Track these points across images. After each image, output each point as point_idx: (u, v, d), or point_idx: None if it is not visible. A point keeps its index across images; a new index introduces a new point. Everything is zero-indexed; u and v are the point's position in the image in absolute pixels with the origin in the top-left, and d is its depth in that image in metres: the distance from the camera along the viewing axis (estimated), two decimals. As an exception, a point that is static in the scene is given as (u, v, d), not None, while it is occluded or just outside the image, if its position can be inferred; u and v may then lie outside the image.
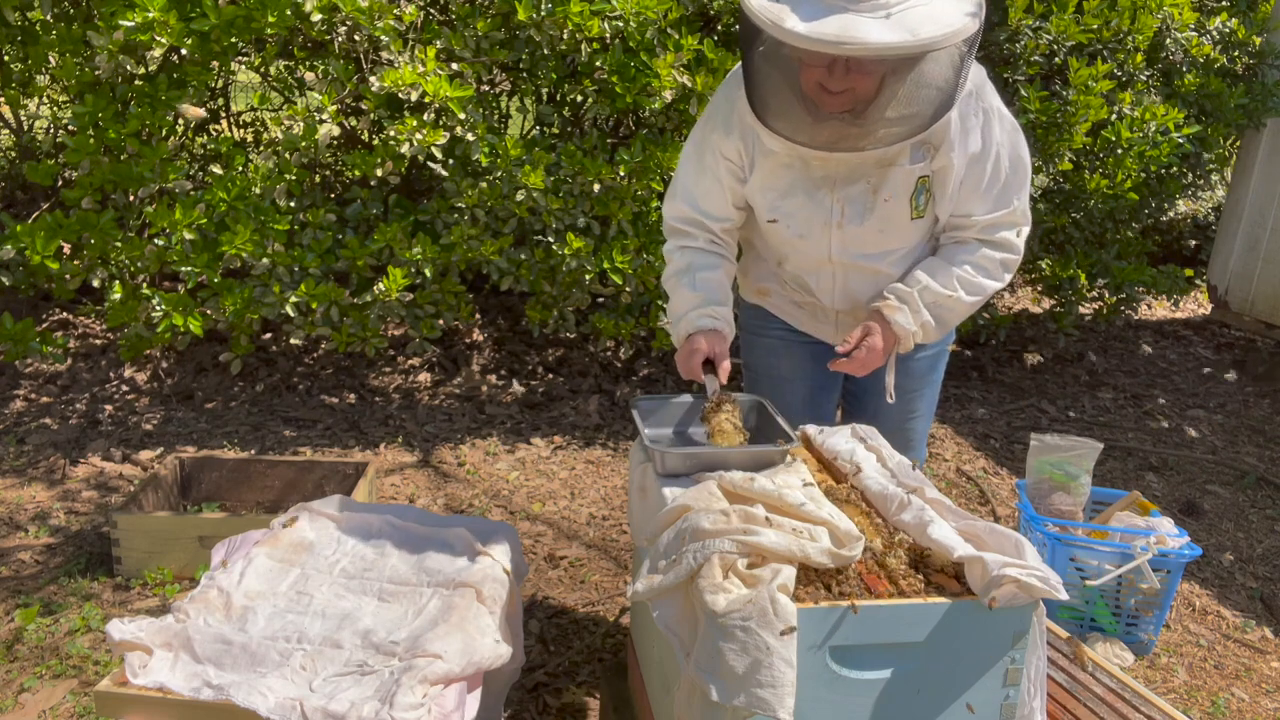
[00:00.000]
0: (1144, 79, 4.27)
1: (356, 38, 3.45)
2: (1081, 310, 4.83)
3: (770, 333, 2.23)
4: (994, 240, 2.01)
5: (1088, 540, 2.71)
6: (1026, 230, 2.05)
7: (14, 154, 4.79)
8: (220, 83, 4.31)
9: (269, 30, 3.22)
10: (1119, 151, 4.17)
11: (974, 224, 2.00)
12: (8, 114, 4.32)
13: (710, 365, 1.98)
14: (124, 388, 4.11)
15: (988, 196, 1.97)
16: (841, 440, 1.90)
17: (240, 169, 3.51)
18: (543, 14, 3.36)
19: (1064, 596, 1.41)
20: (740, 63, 1.90)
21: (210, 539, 2.71)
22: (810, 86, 1.81)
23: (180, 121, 3.84)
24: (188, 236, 3.37)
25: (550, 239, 3.66)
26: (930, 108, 1.80)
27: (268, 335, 4.38)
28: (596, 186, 3.61)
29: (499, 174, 3.50)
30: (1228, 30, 4.48)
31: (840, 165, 1.91)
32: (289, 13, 3.19)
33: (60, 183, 4.14)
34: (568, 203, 3.63)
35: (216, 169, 3.60)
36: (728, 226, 2.08)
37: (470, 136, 3.45)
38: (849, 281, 2.06)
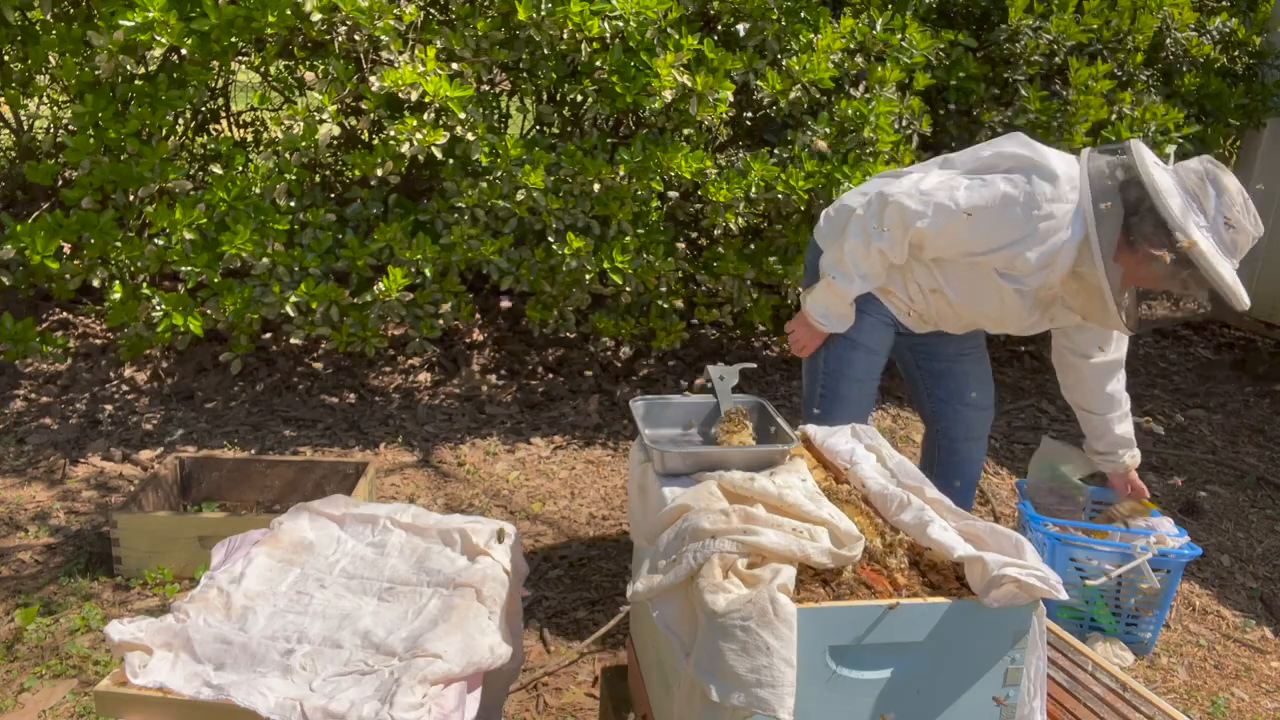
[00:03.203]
0: (1144, 79, 4.27)
1: (356, 37, 3.45)
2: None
3: (873, 313, 2.52)
4: None
5: (1088, 540, 2.71)
6: None
7: (14, 154, 4.79)
8: (220, 83, 4.31)
9: (269, 30, 3.22)
10: (1119, 151, 4.16)
11: (1113, 361, 2.62)
12: (8, 114, 4.32)
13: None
14: (124, 388, 4.11)
15: (1116, 350, 2.61)
16: (841, 440, 1.91)
17: (240, 169, 3.51)
18: (543, 14, 3.36)
19: (1064, 596, 1.41)
20: (1080, 211, 2.18)
21: (210, 539, 2.71)
22: (1139, 285, 2.27)
23: (180, 121, 3.84)
24: (188, 236, 3.37)
25: (550, 239, 3.66)
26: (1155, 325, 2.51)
27: (268, 335, 4.38)
28: (596, 186, 3.61)
29: (499, 174, 3.50)
30: (1228, 30, 4.48)
31: (1052, 296, 2.31)
32: (289, 13, 3.19)
33: (60, 183, 4.15)
34: (568, 203, 3.63)
35: (216, 169, 3.60)
36: (904, 260, 2.37)
37: (470, 136, 3.45)
38: (964, 329, 2.59)
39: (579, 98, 4.04)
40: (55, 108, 4.50)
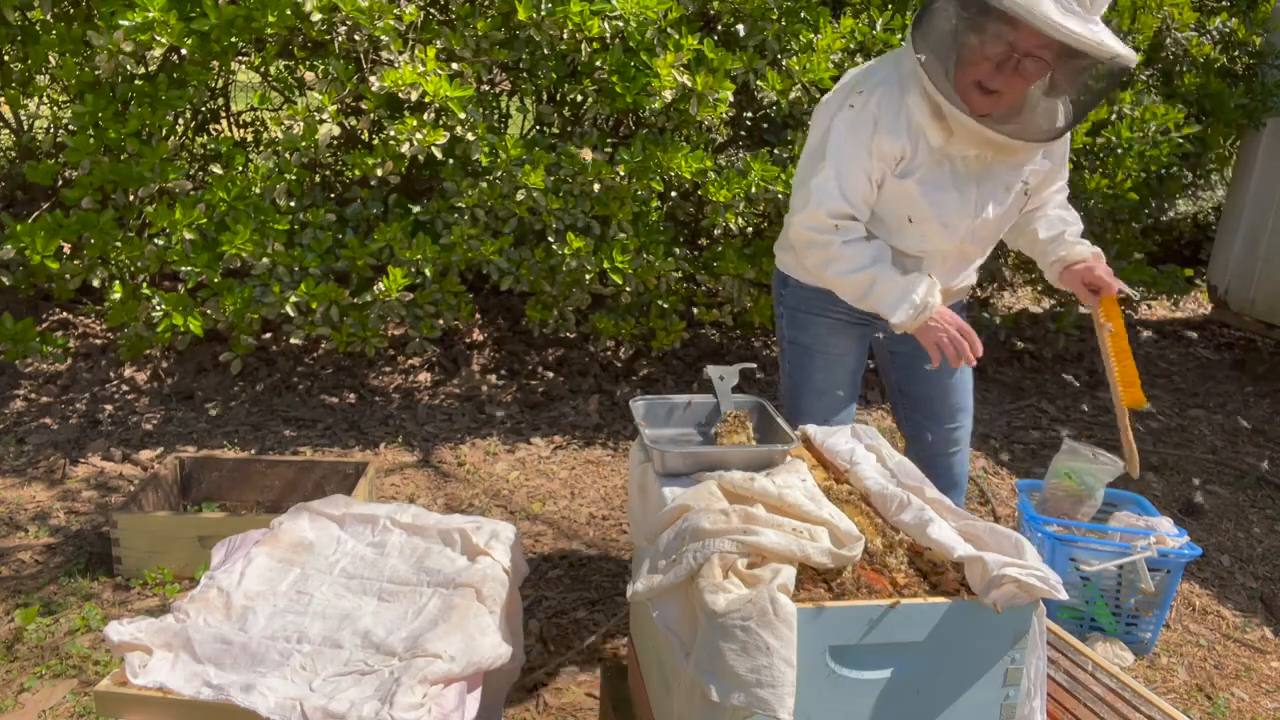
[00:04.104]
0: (1144, 79, 4.27)
1: (356, 37, 3.45)
2: (1082, 310, 4.83)
3: (831, 314, 2.40)
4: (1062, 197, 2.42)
5: (1088, 540, 2.71)
6: None
7: (14, 154, 4.79)
8: (220, 83, 4.31)
9: (269, 30, 3.22)
10: (1119, 151, 4.16)
11: (1051, 199, 2.39)
12: (8, 114, 4.32)
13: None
14: (124, 388, 4.11)
15: (1059, 182, 2.39)
16: (841, 440, 1.91)
17: (240, 169, 3.51)
18: (543, 14, 3.36)
19: (1064, 596, 1.42)
20: (900, 65, 2.11)
21: (210, 539, 2.71)
22: (966, 82, 2.04)
23: (180, 121, 3.84)
24: (188, 236, 3.37)
25: (550, 239, 3.66)
26: (1077, 114, 2.15)
27: (268, 335, 4.38)
28: (596, 186, 3.61)
29: (499, 174, 3.50)
30: (1228, 30, 4.48)
31: (980, 163, 2.17)
32: (289, 13, 3.19)
33: (60, 183, 4.15)
34: (568, 203, 3.63)
35: (216, 169, 3.60)
36: (866, 220, 2.23)
37: (470, 136, 3.45)
38: (956, 265, 2.33)
39: (579, 98, 4.04)
40: (55, 108, 4.50)
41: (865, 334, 2.48)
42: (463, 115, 3.39)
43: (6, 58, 3.85)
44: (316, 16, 3.24)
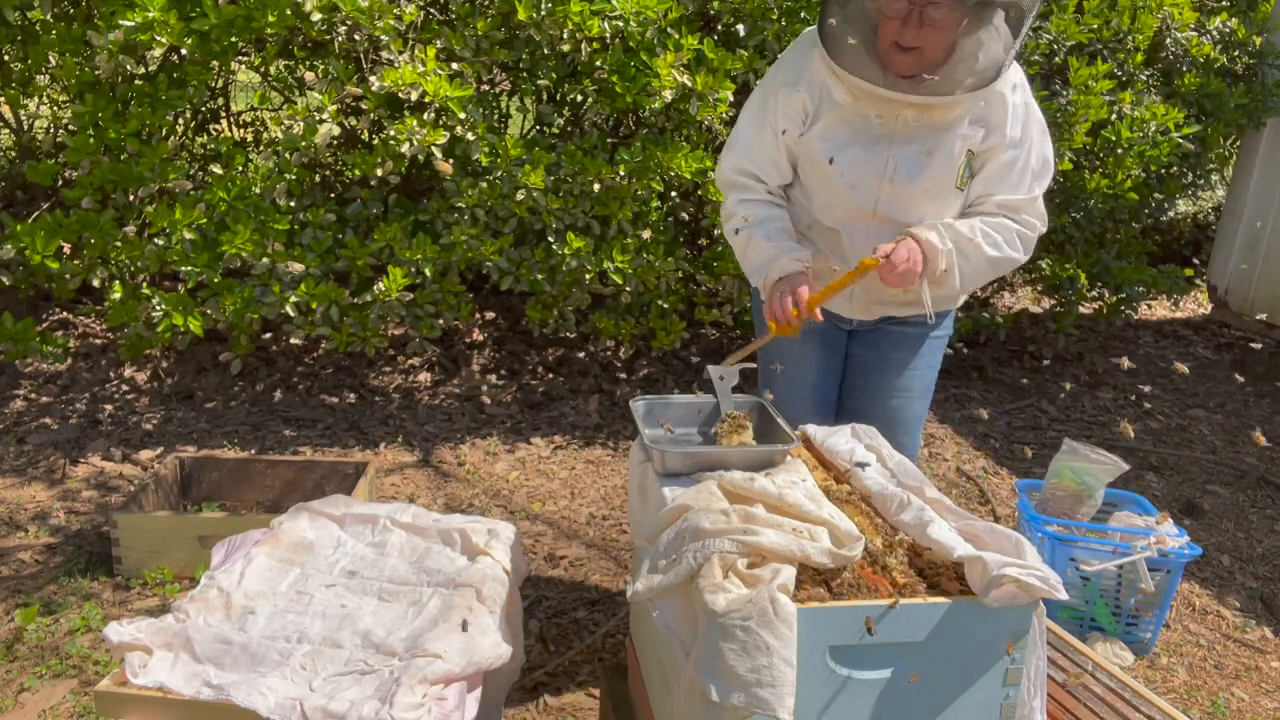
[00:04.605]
0: (1144, 79, 4.27)
1: (356, 37, 3.45)
2: (1081, 310, 4.83)
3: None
4: (1010, 215, 2.16)
5: (1088, 540, 2.71)
6: (1042, 228, 2.20)
7: (14, 154, 4.79)
8: (220, 83, 4.31)
9: (269, 30, 3.22)
10: (1119, 151, 4.16)
11: (992, 202, 2.15)
12: (8, 114, 4.32)
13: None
14: (124, 388, 4.11)
15: (1011, 182, 2.14)
16: (841, 440, 1.91)
17: (240, 169, 3.50)
18: (543, 14, 3.36)
19: (1064, 596, 1.42)
20: (816, 24, 2.08)
21: (210, 539, 2.71)
22: (885, 44, 1.99)
23: (180, 121, 3.83)
24: (188, 236, 3.37)
25: (550, 239, 3.66)
26: (993, 66, 2.00)
27: (268, 335, 4.38)
28: (596, 186, 3.61)
29: (499, 174, 3.50)
30: (1228, 30, 4.48)
31: (900, 124, 2.06)
32: (289, 12, 3.19)
33: (60, 183, 4.15)
34: (568, 202, 3.63)
35: (216, 169, 3.60)
36: (779, 183, 2.21)
37: (470, 136, 3.45)
38: (881, 239, 2.12)
39: (579, 98, 4.04)
40: (55, 108, 4.50)
41: (836, 341, 2.39)
42: (463, 115, 3.39)
43: (6, 58, 3.85)
44: (316, 16, 3.24)
